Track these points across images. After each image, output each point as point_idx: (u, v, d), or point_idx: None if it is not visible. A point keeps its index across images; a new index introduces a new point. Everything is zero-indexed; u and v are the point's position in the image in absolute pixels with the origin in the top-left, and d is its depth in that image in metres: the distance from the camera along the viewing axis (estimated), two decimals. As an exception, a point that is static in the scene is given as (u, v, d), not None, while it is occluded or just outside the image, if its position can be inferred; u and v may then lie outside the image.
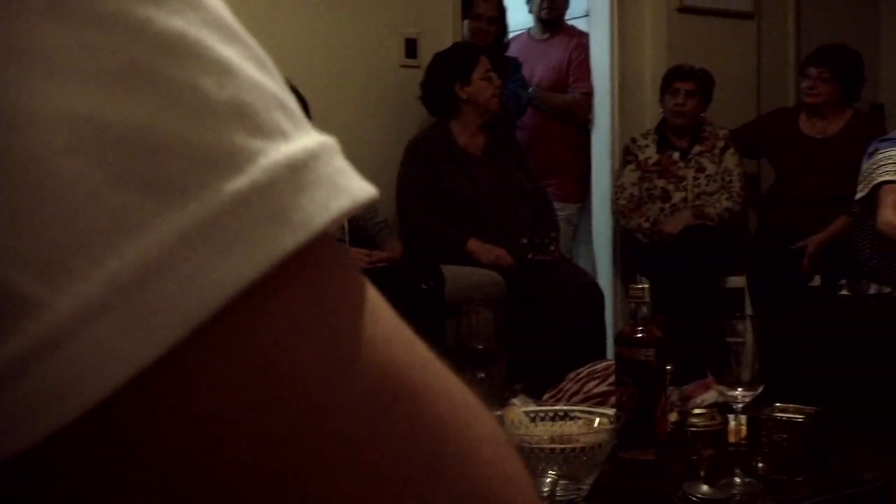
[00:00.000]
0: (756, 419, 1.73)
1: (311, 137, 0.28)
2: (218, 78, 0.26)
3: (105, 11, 0.25)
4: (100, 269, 0.24)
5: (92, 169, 0.24)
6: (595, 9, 4.78)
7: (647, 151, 4.43)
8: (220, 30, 0.27)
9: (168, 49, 0.26)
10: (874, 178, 2.28)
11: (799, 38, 5.23)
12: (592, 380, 2.07)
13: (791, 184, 4.41)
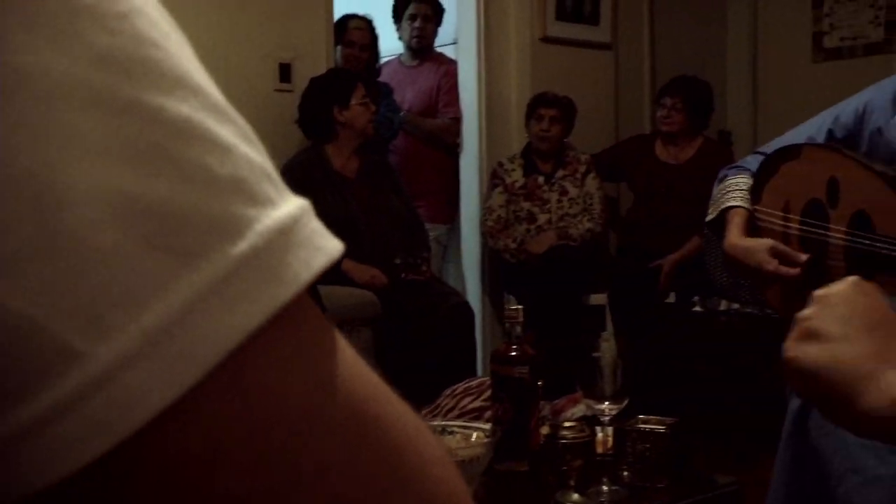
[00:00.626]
0: (621, 430, 1.82)
1: (292, 202, 0.34)
2: (220, 156, 0.31)
3: (125, 100, 0.30)
4: (134, 323, 0.29)
5: (124, 237, 0.29)
6: (462, 37, 4.89)
7: (513, 175, 4.55)
8: (216, 112, 0.32)
9: (179, 132, 0.31)
10: (723, 203, 2.41)
11: (653, 69, 5.45)
12: (468, 396, 2.13)
13: (648, 206, 4.59)
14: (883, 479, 1.70)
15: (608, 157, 4.81)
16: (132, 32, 0.31)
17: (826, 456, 1.78)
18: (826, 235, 2.18)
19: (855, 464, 1.73)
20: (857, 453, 1.73)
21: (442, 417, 2.09)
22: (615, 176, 4.86)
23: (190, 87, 0.32)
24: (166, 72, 0.31)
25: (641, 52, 5.39)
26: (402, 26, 4.93)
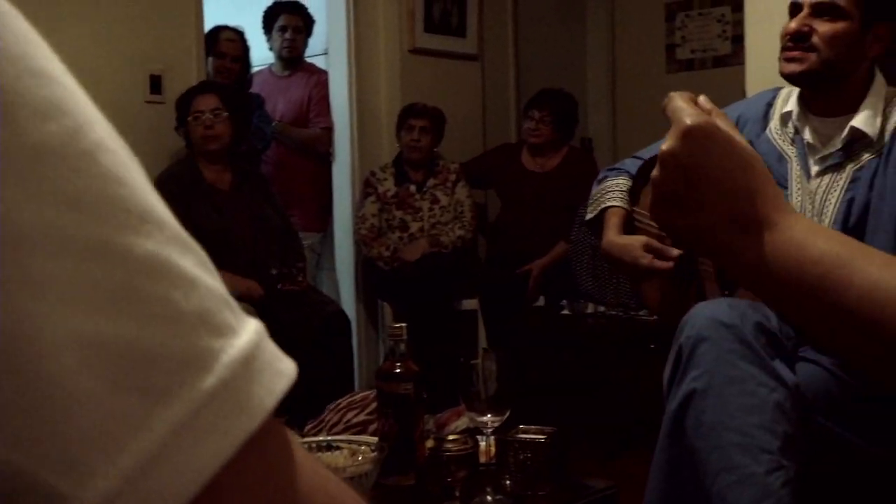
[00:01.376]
0: (503, 441, 1.84)
1: (249, 326, 0.35)
2: (185, 290, 0.32)
3: (96, 242, 0.30)
4: (113, 465, 0.30)
5: (99, 382, 0.30)
6: (333, 48, 4.86)
7: (385, 184, 4.55)
8: (178, 243, 0.33)
9: (147, 270, 0.31)
10: (602, 203, 2.47)
11: (518, 79, 5.53)
12: (352, 410, 2.12)
13: (515, 213, 4.66)
14: (755, 477, 1.77)
15: (477, 165, 4.86)
16: (98, 171, 0.31)
17: (701, 456, 1.83)
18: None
19: (729, 463, 1.79)
20: (731, 453, 1.79)
21: (327, 432, 2.08)
22: (483, 183, 4.91)
23: (154, 221, 0.32)
24: (132, 209, 0.32)
25: (506, 64, 5.46)
26: (272, 37, 4.87)
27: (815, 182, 2.15)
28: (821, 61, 2.08)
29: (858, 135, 2.11)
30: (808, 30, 2.08)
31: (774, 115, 2.28)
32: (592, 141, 6.17)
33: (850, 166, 2.12)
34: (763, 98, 2.34)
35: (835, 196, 2.11)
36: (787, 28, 2.12)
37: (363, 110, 4.82)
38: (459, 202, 4.57)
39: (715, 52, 5.81)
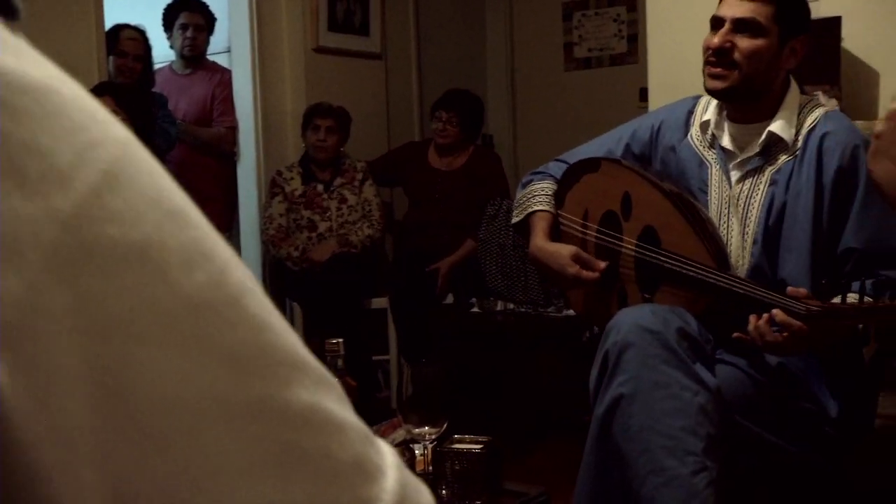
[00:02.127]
0: (439, 452, 1.84)
1: (388, 459, 0.33)
2: (339, 438, 0.30)
3: (257, 402, 0.28)
4: None
5: None
6: (236, 46, 4.76)
7: (292, 184, 4.49)
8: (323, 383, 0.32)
9: (306, 424, 0.29)
10: (529, 207, 2.48)
11: (421, 78, 5.52)
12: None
13: (423, 211, 4.64)
14: (682, 478, 1.81)
15: (383, 164, 4.83)
16: (248, 319, 0.29)
17: (630, 459, 1.86)
18: (620, 245, 2.28)
19: (657, 465, 1.83)
20: (658, 455, 1.83)
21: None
22: (390, 182, 4.89)
23: (302, 366, 0.31)
24: (284, 358, 0.31)
25: (409, 62, 5.45)
26: (173, 35, 4.75)
27: (737, 188, 2.21)
28: (742, 77, 2.13)
29: (775, 139, 2.17)
30: (730, 46, 2.13)
31: (695, 122, 2.33)
32: (493, 137, 6.20)
33: (768, 169, 2.18)
34: (684, 105, 2.39)
35: (757, 199, 2.17)
36: (710, 43, 2.16)
37: (268, 109, 4.74)
38: (367, 201, 4.54)
39: (611, 50, 5.90)
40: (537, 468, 3.54)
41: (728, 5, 2.17)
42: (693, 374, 1.90)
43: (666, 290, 2.17)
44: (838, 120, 2.17)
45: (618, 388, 1.91)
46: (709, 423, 1.87)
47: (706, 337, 2.04)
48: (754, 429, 2.05)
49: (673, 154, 2.32)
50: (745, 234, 2.18)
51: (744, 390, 2.05)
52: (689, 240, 2.12)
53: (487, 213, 4.45)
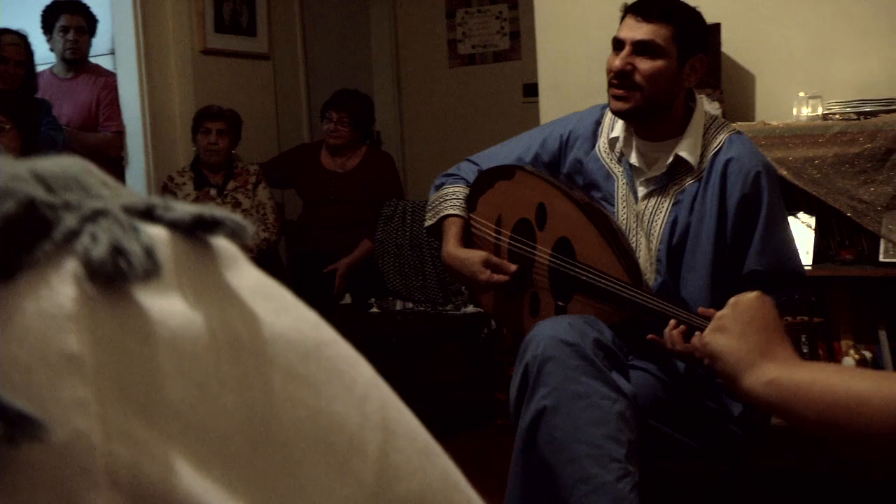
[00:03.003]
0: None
1: None
2: None
3: None
4: None
5: None
6: (120, 48, 4.62)
7: (185, 189, 4.39)
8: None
9: None
10: (441, 211, 2.49)
11: (308, 78, 5.47)
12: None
13: (318, 213, 4.60)
14: (607, 485, 1.86)
15: (276, 166, 4.76)
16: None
17: (557, 469, 1.91)
18: (533, 254, 2.32)
19: (583, 474, 1.87)
20: (584, 464, 1.88)
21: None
22: (283, 184, 4.83)
23: None
24: None
25: (296, 62, 5.38)
26: (53, 38, 4.57)
27: (642, 204, 2.26)
28: (644, 98, 2.16)
29: (681, 161, 2.22)
30: (631, 68, 2.16)
31: (602, 134, 2.36)
32: (381, 134, 6.20)
33: (673, 190, 2.23)
34: (592, 115, 2.42)
35: (660, 218, 2.22)
36: (612, 65, 2.19)
37: (156, 113, 4.62)
38: (261, 204, 4.48)
39: (495, 47, 5.96)
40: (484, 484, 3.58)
41: (628, 27, 2.20)
42: (611, 382, 1.95)
43: (580, 299, 2.22)
44: (742, 145, 2.22)
45: (540, 400, 1.95)
46: (628, 429, 1.93)
47: (620, 344, 2.10)
48: (666, 430, 2.12)
49: (581, 165, 2.36)
50: (651, 250, 2.23)
51: (655, 394, 2.12)
52: (604, 254, 2.16)
53: (383, 213, 4.45)
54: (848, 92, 3.13)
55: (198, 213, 0.36)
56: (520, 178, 2.38)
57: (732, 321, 1.12)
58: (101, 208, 0.33)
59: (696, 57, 2.21)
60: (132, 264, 0.31)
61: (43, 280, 0.31)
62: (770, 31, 3.30)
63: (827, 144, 2.81)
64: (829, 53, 3.22)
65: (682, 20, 2.18)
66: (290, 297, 0.38)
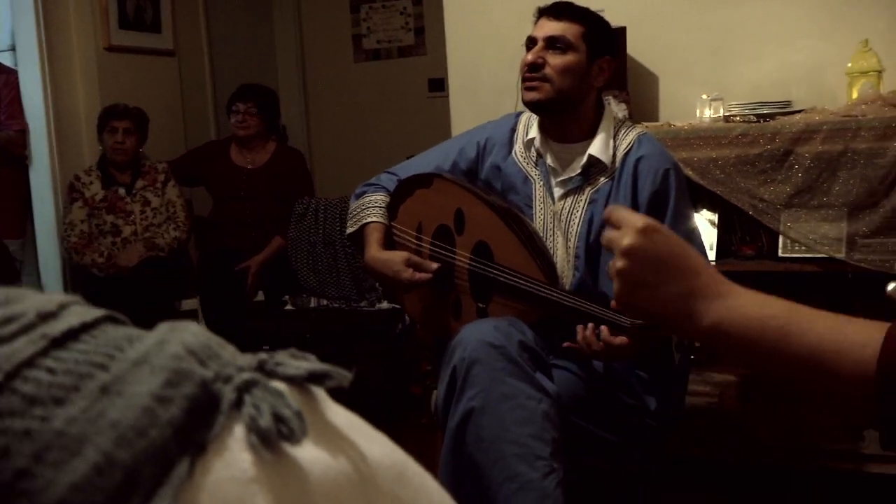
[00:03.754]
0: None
1: None
2: None
3: None
4: None
5: None
6: (22, 46, 4.45)
7: (92, 188, 4.28)
8: None
9: None
10: (362, 218, 2.50)
11: (214, 74, 5.38)
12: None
13: (229, 210, 4.53)
14: (533, 482, 1.90)
15: (185, 163, 4.67)
16: None
17: (484, 468, 1.94)
18: (454, 258, 2.35)
19: (510, 472, 1.91)
20: (511, 463, 1.91)
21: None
22: (192, 181, 4.74)
23: None
24: None
25: (202, 59, 5.29)
26: (-51, 34, 4.40)
27: (559, 204, 2.32)
28: (555, 90, 2.26)
29: (595, 161, 2.30)
30: (542, 62, 2.26)
31: (518, 140, 2.43)
32: (286, 128, 6.14)
33: (588, 189, 2.31)
34: (507, 123, 2.48)
35: (577, 216, 2.29)
36: (525, 60, 2.29)
37: (60, 111, 4.48)
38: (171, 202, 4.39)
39: (399, 42, 5.96)
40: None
41: (540, 27, 2.31)
42: (535, 383, 2.00)
43: (499, 300, 2.26)
44: (651, 144, 2.32)
45: (468, 402, 1.98)
46: (552, 427, 1.98)
47: (541, 345, 2.14)
48: (588, 426, 2.18)
49: (499, 170, 2.41)
50: (568, 248, 2.30)
51: (576, 392, 2.17)
52: (520, 255, 2.20)
53: (296, 211, 4.41)
54: (747, 93, 3.24)
55: (311, 369, 0.42)
56: (438, 185, 2.41)
57: (642, 271, 0.96)
58: (250, 379, 0.38)
59: (604, 58, 2.32)
60: (293, 429, 0.36)
61: (226, 449, 0.35)
62: (672, 34, 3.39)
63: (729, 146, 2.90)
64: (728, 57, 3.32)
65: (591, 22, 2.31)
66: (367, 425, 0.43)
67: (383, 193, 2.53)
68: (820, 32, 3.18)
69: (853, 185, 2.77)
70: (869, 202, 2.76)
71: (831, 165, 2.79)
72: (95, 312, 0.42)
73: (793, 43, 3.22)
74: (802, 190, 2.83)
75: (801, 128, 2.82)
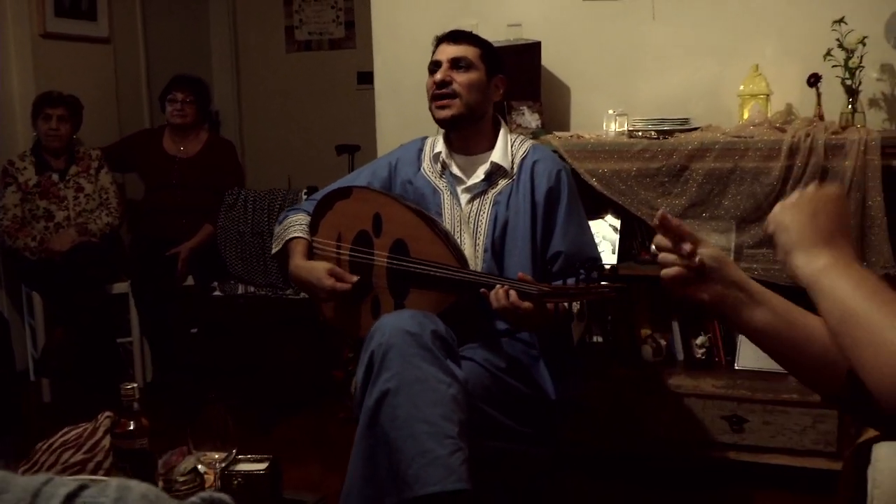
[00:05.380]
0: (227, 474, 1.94)
1: None
2: None
3: None
4: None
5: None
6: (-46, 29, 4.42)
7: (26, 174, 4.26)
8: None
9: None
10: (286, 236, 2.61)
11: (148, 62, 5.36)
12: (67, 450, 2.07)
13: (160, 197, 4.54)
14: (441, 458, 2.01)
15: (118, 150, 4.67)
16: None
17: (397, 444, 2.04)
18: (372, 259, 2.46)
19: (421, 448, 2.01)
20: (423, 440, 2.02)
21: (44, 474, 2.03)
22: (125, 168, 4.74)
23: None
24: None
25: (136, 47, 5.26)
26: None
27: (466, 208, 2.52)
28: (463, 105, 2.48)
29: (496, 167, 2.52)
30: (450, 80, 2.49)
31: (425, 157, 2.63)
32: (220, 113, 6.15)
33: (491, 192, 2.52)
34: (415, 145, 2.69)
35: (483, 218, 2.49)
36: (434, 80, 2.50)
37: (-6, 97, 4.45)
38: (104, 189, 4.40)
39: (330, 35, 6.00)
40: (282, 437, 3.68)
41: (442, 51, 2.54)
42: (446, 368, 2.11)
43: (415, 293, 2.38)
44: (543, 150, 2.60)
45: (384, 383, 2.08)
46: (460, 410, 2.09)
47: (452, 336, 2.27)
48: (493, 413, 2.30)
49: (410, 185, 2.58)
50: (476, 245, 2.48)
51: (482, 381, 2.30)
52: (435, 246, 2.35)
53: (226, 201, 4.46)
54: (650, 108, 3.39)
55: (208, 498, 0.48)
56: (356, 195, 2.54)
57: (809, 202, 1.13)
58: None
59: (499, 76, 2.57)
60: None
61: None
62: (585, 50, 3.51)
63: (632, 159, 3.05)
64: (634, 73, 3.47)
65: (485, 45, 2.57)
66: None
67: (303, 214, 2.65)
68: (717, 55, 3.34)
69: (741, 200, 2.94)
70: (755, 216, 2.93)
71: (722, 181, 2.96)
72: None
73: (693, 63, 3.37)
74: (696, 203, 2.99)
75: (696, 146, 2.97)
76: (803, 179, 2.84)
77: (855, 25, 3.00)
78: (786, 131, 2.93)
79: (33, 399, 4.23)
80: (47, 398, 4.21)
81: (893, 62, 3.09)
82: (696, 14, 3.35)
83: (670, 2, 3.38)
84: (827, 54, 3.02)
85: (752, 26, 3.28)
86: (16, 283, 4.46)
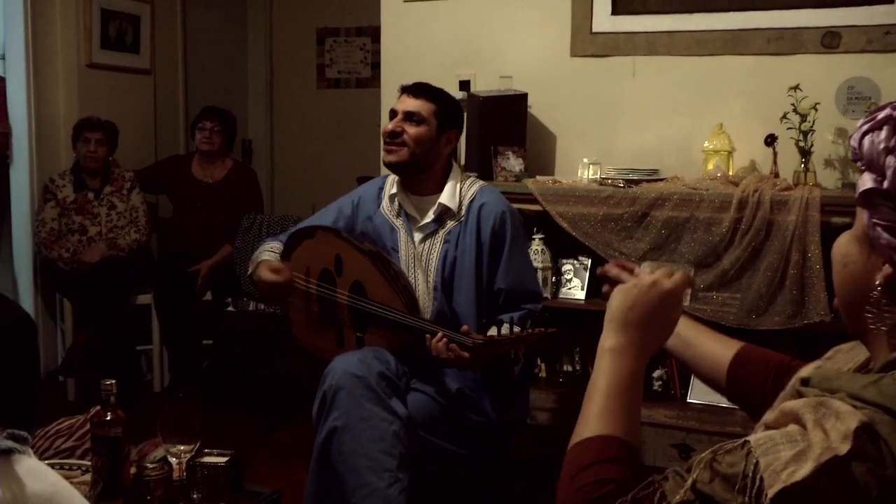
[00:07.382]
0: (192, 464, 2.15)
1: None
2: None
3: None
4: None
5: None
6: (11, 54, 4.71)
7: (65, 191, 4.56)
8: None
9: None
10: (258, 258, 2.82)
11: (187, 94, 5.65)
12: (60, 437, 2.30)
13: (187, 218, 4.83)
14: (380, 490, 2.21)
15: (150, 173, 4.96)
16: None
17: (343, 477, 2.24)
18: (335, 296, 2.66)
19: (362, 481, 2.21)
20: (363, 474, 2.22)
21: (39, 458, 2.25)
22: (156, 190, 5.03)
23: None
24: None
25: (176, 79, 5.56)
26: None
27: (420, 247, 2.68)
28: (410, 154, 2.64)
29: (445, 209, 2.67)
30: (401, 130, 2.65)
31: (385, 196, 2.78)
32: (252, 142, 6.43)
33: (441, 232, 2.67)
34: (376, 184, 2.85)
35: (434, 255, 2.65)
36: (386, 129, 2.68)
37: (42, 118, 4.75)
38: (134, 208, 4.68)
39: (358, 74, 6.27)
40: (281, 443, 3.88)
41: (402, 102, 2.70)
42: (389, 407, 2.30)
43: (373, 330, 2.58)
44: (491, 193, 2.72)
45: (333, 421, 2.29)
46: (401, 444, 2.28)
47: (403, 371, 2.46)
48: (439, 442, 2.48)
49: (370, 222, 2.75)
50: (427, 282, 2.64)
51: (431, 412, 2.48)
52: (387, 291, 2.53)
53: (243, 224, 4.71)
54: (627, 158, 3.58)
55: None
56: (320, 236, 2.74)
57: (638, 293, 1.25)
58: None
59: (452, 131, 2.72)
60: None
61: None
62: (569, 101, 3.71)
63: (599, 205, 3.24)
64: (614, 124, 3.66)
65: (443, 101, 2.70)
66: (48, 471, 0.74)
67: (277, 242, 2.85)
68: (689, 113, 3.52)
69: (695, 246, 3.12)
70: (707, 262, 3.10)
71: (678, 229, 3.14)
72: None
73: (667, 119, 3.56)
74: (654, 247, 3.17)
75: (656, 195, 3.16)
76: (750, 231, 3.01)
77: (809, 92, 3.18)
78: (738, 185, 3.11)
79: (60, 397, 4.50)
80: (71, 396, 4.48)
81: (846, 126, 3.26)
82: (671, 74, 3.53)
83: (650, 62, 3.57)
84: (783, 117, 3.20)
85: (722, 87, 3.46)
86: (50, 290, 4.74)
